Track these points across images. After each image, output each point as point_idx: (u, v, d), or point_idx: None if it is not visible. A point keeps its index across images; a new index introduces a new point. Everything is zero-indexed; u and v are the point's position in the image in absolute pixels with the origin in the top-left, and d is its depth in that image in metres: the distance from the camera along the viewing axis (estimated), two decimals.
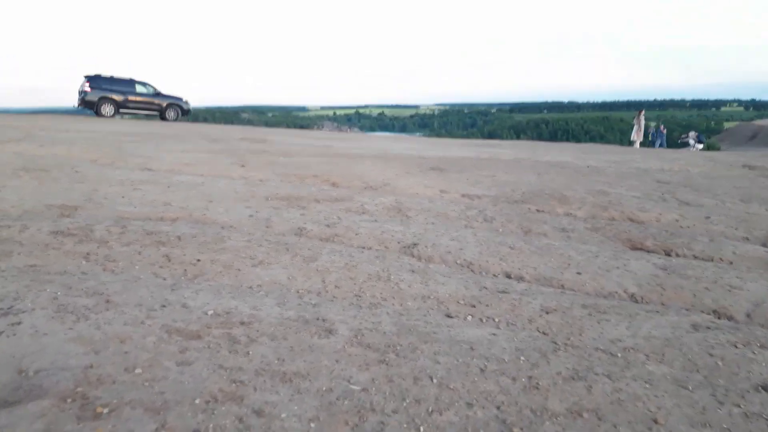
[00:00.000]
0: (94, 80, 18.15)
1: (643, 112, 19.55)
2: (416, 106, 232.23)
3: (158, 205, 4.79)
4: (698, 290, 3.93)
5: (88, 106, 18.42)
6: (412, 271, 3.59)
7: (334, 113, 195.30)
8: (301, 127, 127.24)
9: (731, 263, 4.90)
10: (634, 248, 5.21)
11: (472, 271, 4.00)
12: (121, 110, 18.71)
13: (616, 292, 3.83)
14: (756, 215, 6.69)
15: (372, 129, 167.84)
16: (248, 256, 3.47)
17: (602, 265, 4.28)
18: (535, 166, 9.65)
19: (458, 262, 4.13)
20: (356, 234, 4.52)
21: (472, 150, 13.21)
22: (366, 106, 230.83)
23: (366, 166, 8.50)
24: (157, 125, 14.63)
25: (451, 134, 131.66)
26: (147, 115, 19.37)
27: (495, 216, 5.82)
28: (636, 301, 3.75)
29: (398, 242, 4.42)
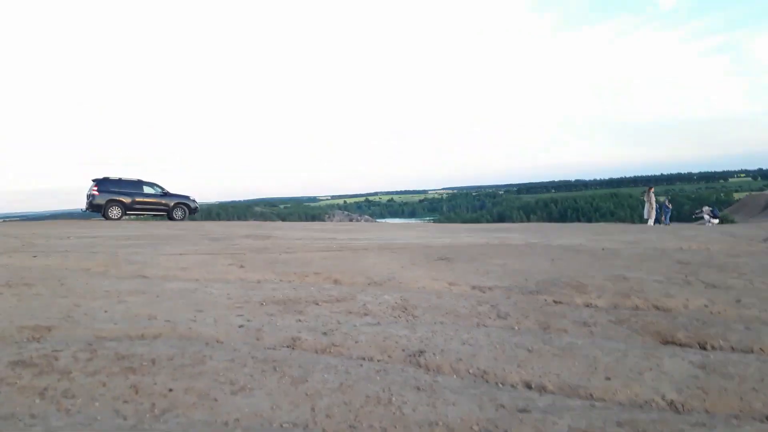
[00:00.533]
0: (101, 183, 18.44)
1: (652, 189, 19.35)
2: (425, 191, 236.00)
3: (141, 320, 4.42)
4: (745, 392, 3.42)
5: (96, 209, 18.59)
6: (418, 389, 3.13)
7: (344, 202, 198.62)
8: (312, 217, 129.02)
9: None
10: (665, 342, 4.72)
11: (487, 381, 3.53)
12: (129, 212, 18.85)
13: (653, 400, 3.33)
14: None
15: (382, 216, 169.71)
16: (228, 380, 3.05)
17: (633, 366, 3.79)
18: (548, 251, 9.26)
19: (471, 371, 3.67)
20: (356, 342, 4.09)
21: (481, 236, 12.91)
22: (375, 194, 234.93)
23: (370, 259, 8.16)
24: (163, 226, 14.57)
25: (460, 217, 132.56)
26: (155, 215, 19.47)
27: (509, 311, 5.38)
28: (677, 411, 3.24)
29: (403, 349, 3.98)
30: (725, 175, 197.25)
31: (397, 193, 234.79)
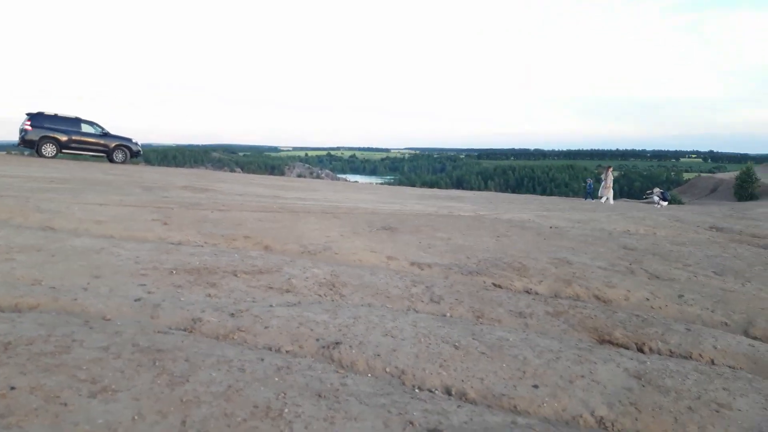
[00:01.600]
0: (35, 118, 17.04)
1: (611, 169, 19.29)
2: (387, 150, 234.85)
3: (21, 285, 3.84)
4: (680, 412, 3.16)
5: (29, 145, 17.26)
6: (319, 396, 2.72)
7: (306, 154, 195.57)
8: (272, 167, 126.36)
9: (713, 362, 4.19)
10: (602, 341, 4.46)
11: (403, 383, 3.16)
12: (64, 150, 17.58)
13: (581, 417, 3.03)
14: (732, 292, 6.06)
15: (343, 171, 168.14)
16: (91, 377, 2.55)
17: (564, 372, 3.48)
18: (495, 226, 8.97)
19: (388, 369, 3.29)
20: (265, 327, 3.64)
21: (431, 204, 12.55)
22: (338, 148, 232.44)
23: (310, 223, 7.67)
24: (96, 169, 13.58)
25: (420, 178, 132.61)
26: (93, 156, 18.27)
27: (444, 294, 5.02)
28: (606, 430, 2.96)
29: (317, 339, 3.56)
30: (677, 155, 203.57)
31: (360, 149, 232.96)
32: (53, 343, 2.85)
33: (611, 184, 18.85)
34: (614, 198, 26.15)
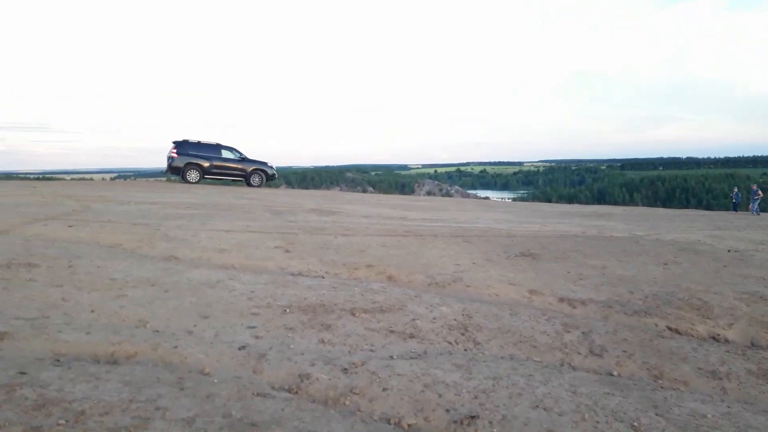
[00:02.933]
0: (181, 146, 18.30)
1: None
2: (520, 163, 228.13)
3: (125, 328, 3.55)
4: None
5: (175, 172, 18.54)
6: None
7: (435, 171, 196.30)
8: (402, 185, 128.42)
9: None
10: None
11: None
12: (206, 176, 18.67)
13: None
14: None
15: (473, 187, 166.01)
16: None
17: None
18: (658, 250, 7.57)
19: None
20: (383, 390, 2.95)
21: (575, 223, 11.22)
22: (468, 164, 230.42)
23: (438, 249, 6.94)
24: (229, 195, 14.05)
25: (556, 192, 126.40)
26: (233, 180, 19.21)
27: (607, 343, 4.01)
28: None
29: (447, 410, 2.80)
30: None
31: (490, 164, 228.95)
32: (132, 412, 2.40)
33: None
34: (755, 212, 22.33)
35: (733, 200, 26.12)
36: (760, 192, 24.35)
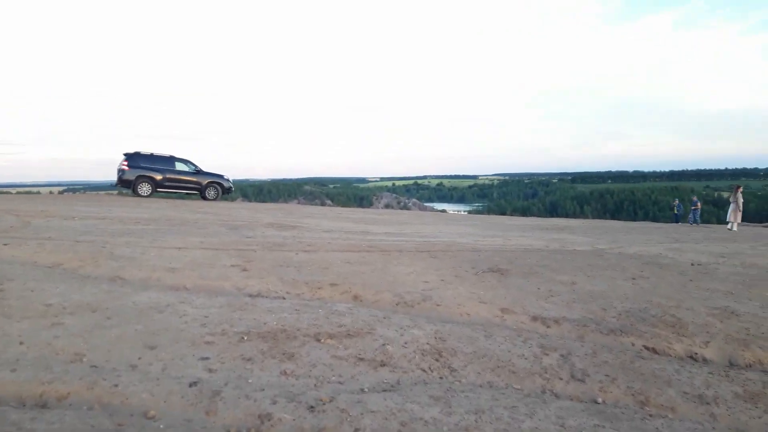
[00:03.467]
0: (132, 158, 17.53)
1: (740, 189, 16.69)
2: (475, 177, 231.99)
3: (58, 363, 3.10)
4: None
5: (126, 185, 17.76)
6: None
7: (393, 184, 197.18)
8: (360, 198, 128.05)
9: None
10: None
11: None
12: (159, 189, 17.93)
13: None
14: None
15: (431, 200, 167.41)
16: None
17: None
18: (623, 264, 7.51)
19: None
20: (356, 430, 2.62)
21: (537, 236, 11.18)
22: (425, 177, 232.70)
23: (404, 265, 6.66)
24: (184, 209, 13.44)
25: (511, 205, 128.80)
26: (187, 194, 18.51)
27: (588, 367, 3.79)
28: None
29: None
30: None
31: (447, 177, 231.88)
32: None
33: (741, 207, 16.22)
34: (694, 222, 23.15)
35: (675, 212, 27.00)
36: (699, 203, 25.24)
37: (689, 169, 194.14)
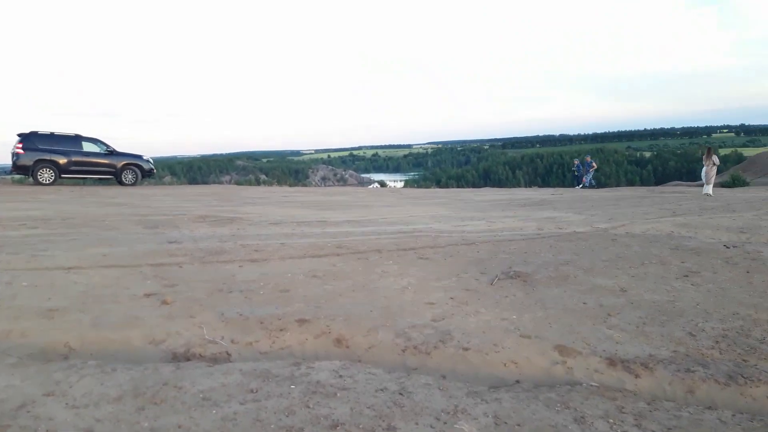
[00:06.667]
0: (28, 139, 14.61)
1: (712, 151, 15.72)
2: (409, 146, 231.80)
3: None
4: None
5: (22, 171, 14.86)
6: None
7: (329, 156, 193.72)
8: (296, 172, 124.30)
9: None
10: None
11: None
12: (64, 175, 15.15)
13: None
14: None
15: (367, 171, 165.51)
16: None
17: None
18: (652, 252, 6.07)
19: None
20: None
21: (521, 215, 9.66)
22: (360, 148, 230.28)
23: (392, 275, 4.91)
24: (91, 200, 11.02)
25: (445, 173, 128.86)
26: (100, 179, 15.81)
27: None
28: None
29: None
30: (709, 131, 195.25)
31: (381, 147, 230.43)
32: None
33: (714, 171, 15.30)
34: (589, 185, 22.73)
35: (575, 173, 25.49)
36: (594, 163, 24.60)
37: (611, 130, 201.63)
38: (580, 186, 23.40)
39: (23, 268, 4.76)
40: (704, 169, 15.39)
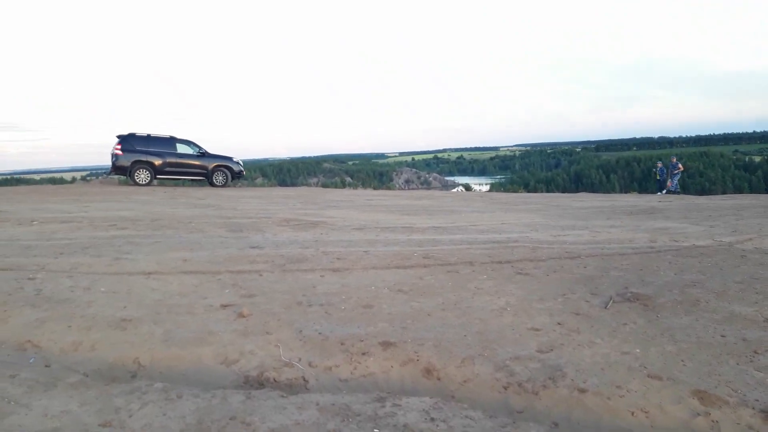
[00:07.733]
0: (126, 141, 15.32)
1: None
2: (496, 148, 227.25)
3: None
4: None
5: (121, 172, 15.60)
6: None
7: (413, 159, 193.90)
8: (380, 174, 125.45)
9: None
10: None
11: None
12: (159, 176, 15.76)
13: None
14: None
15: (451, 173, 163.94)
16: None
17: None
18: None
19: None
20: None
21: (629, 225, 8.73)
22: (444, 150, 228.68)
23: (487, 293, 4.38)
24: (181, 201, 11.28)
25: (534, 176, 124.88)
26: (192, 181, 16.34)
27: None
28: None
29: None
30: None
31: (466, 149, 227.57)
32: None
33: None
34: (674, 190, 20.28)
35: (658, 177, 22.87)
36: (680, 165, 22.01)
37: (716, 132, 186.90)
38: (664, 191, 21.32)
39: (104, 272, 4.69)
40: None
